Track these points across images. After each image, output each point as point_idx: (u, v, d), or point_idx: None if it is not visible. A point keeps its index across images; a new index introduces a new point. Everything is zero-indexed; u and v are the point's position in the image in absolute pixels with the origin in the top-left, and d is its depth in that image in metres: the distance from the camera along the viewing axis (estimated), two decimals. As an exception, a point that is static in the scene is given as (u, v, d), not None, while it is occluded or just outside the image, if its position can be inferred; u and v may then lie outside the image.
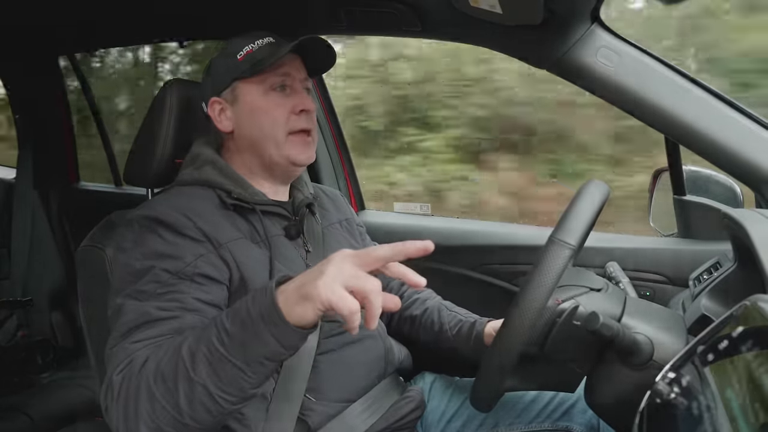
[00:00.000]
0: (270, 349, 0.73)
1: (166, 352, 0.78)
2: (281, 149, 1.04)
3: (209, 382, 0.74)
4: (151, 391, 0.76)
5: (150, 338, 0.83)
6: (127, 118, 3.27)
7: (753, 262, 0.77)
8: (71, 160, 2.22)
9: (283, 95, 1.04)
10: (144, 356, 0.80)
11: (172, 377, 0.75)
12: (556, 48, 1.15)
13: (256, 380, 0.77)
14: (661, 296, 1.33)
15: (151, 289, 0.87)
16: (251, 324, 0.73)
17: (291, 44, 1.01)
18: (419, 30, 1.31)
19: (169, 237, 0.92)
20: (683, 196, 1.38)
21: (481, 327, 1.14)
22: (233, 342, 0.74)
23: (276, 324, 0.72)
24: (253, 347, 0.73)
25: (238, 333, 0.74)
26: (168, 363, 0.76)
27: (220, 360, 0.74)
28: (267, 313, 0.72)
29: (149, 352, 0.80)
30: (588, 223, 0.83)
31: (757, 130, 1.10)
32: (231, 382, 0.75)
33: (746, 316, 0.55)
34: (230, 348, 0.74)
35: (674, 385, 0.56)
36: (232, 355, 0.74)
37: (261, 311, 0.73)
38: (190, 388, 0.75)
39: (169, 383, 0.75)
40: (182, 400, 0.75)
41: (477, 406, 0.94)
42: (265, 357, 0.74)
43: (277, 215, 1.06)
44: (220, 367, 0.74)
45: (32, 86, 2.10)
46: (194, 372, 0.74)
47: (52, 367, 1.91)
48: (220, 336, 0.75)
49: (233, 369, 0.74)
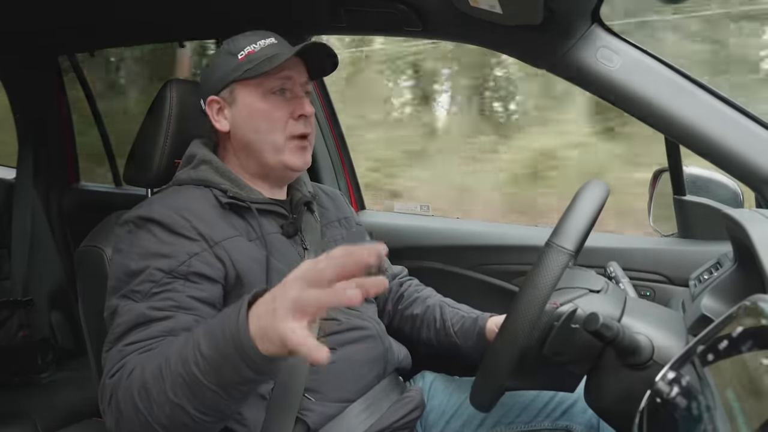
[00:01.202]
0: (243, 375, 0.70)
1: (152, 365, 0.77)
2: (278, 154, 1.03)
3: (186, 403, 0.73)
4: (135, 402, 0.76)
5: (143, 340, 0.83)
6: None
7: (753, 262, 0.77)
8: (71, 160, 2.22)
9: (283, 99, 1.03)
10: (133, 364, 0.80)
11: (155, 394, 0.75)
12: (556, 48, 1.15)
13: (234, 402, 0.75)
14: (661, 296, 1.33)
15: (145, 288, 0.88)
16: (224, 348, 0.70)
17: (293, 49, 1.00)
18: (420, 30, 1.31)
19: (164, 236, 0.92)
20: (683, 196, 1.38)
21: (483, 322, 1.14)
22: (208, 366, 0.71)
23: (247, 352, 0.68)
24: (227, 373, 0.70)
25: (212, 357, 0.71)
26: (151, 378, 0.76)
27: (196, 383, 0.72)
28: (237, 339, 0.68)
29: (138, 359, 0.80)
30: (587, 226, 0.83)
31: (757, 130, 1.10)
32: (209, 405, 0.73)
33: (746, 316, 0.55)
34: (205, 372, 0.71)
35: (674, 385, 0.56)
36: (207, 380, 0.71)
37: (233, 336, 0.69)
38: (169, 407, 0.74)
39: (152, 400, 0.75)
40: (162, 416, 0.75)
41: (477, 405, 0.94)
42: (239, 383, 0.72)
43: (274, 213, 1.06)
44: (197, 390, 0.72)
45: (32, 86, 2.10)
46: (173, 393, 0.73)
47: (52, 367, 1.91)
48: (196, 358, 0.72)
49: (210, 392, 0.72)
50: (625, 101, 1.15)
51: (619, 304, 0.87)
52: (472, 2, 1.10)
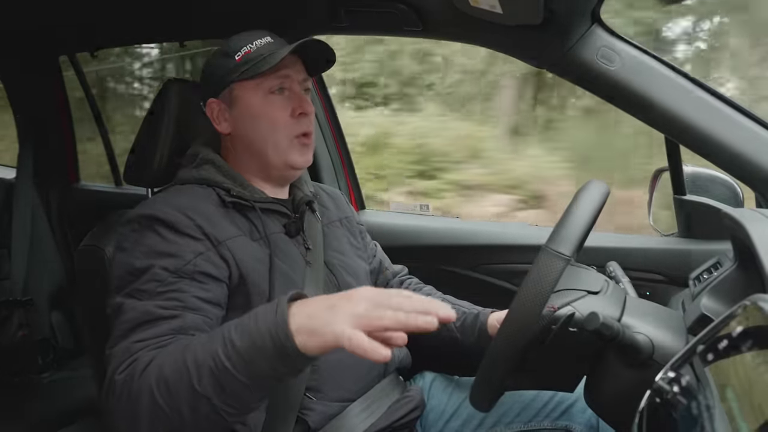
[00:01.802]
0: (277, 370, 0.72)
1: (171, 358, 0.77)
2: (281, 153, 1.03)
3: (213, 394, 0.73)
4: (153, 396, 0.75)
5: (152, 338, 0.83)
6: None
7: (753, 261, 0.77)
8: (71, 159, 2.22)
9: (282, 98, 1.03)
10: (147, 358, 0.79)
11: (176, 386, 0.75)
12: (557, 48, 1.15)
13: (260, 396, 0.77)
14: (661, 296, 1.33)
15: (150, 288, 0.87)
16: (260, 341, 0.72)
17: (289, 47, 1.00)
18: (420, 30, 1.31)
19: (169, 235, 0.92)
20: (683, 195, 1.38)
21: (484, 318, 1.14)
22: (240, 358, 0.72)
23: (285, 348, 0.70)
24: (259, 366, 0.72)
25: (245, 349, 0.72)
26: (172, 370, 0.76)
27: (226, 374, 0.73)
28: (275, 334, 0.71)
29: (152, 354, 0.80)
30: (584, 229, 0.83)
31: (757, 130, 1.10)
32: (235, 397, 0.74)
33: (746, 316, 0.55)
34: (237, 364, 0.72)
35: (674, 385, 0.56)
36: (238, 371, 0.72)
37: (269, 330, 0.71)
38: (193, 399, 0.74)
39: (173, 391, 0.75)
40: (185, 408, 0.75)
41: (476, 405, 0.94)
42: (271, 377, 0.73)
43: (276, 213, 1.06)
44: (225, 382, 0.73)
45: (32, 86, 2.10)
46: (199, 384, 0.74)
47: (52, 367, 1.91)
48: (227, 350, 0.73)
49: (238, 384, 0.73)
50: (625, 101, 1.15)
51: (619, 304, 0.87)
52: (473, 2, 1.10)
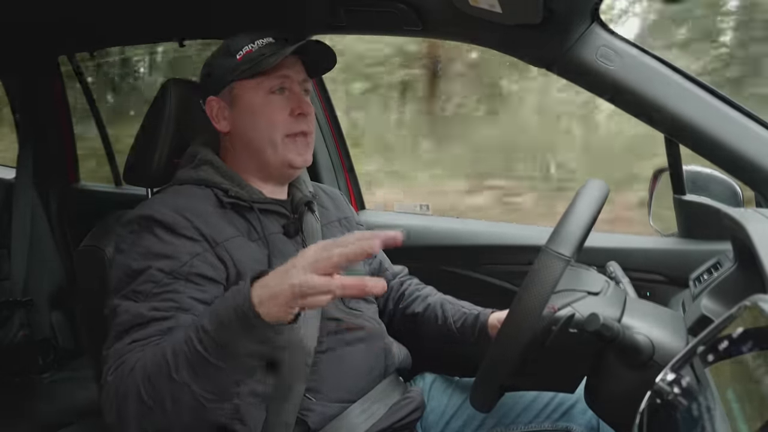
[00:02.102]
0: (246, 346, 0.75)
1: (153, 354, 0.79)
2: (278, 152, 1.03)
3: (191, 381, 0.76)
4: (140, 393, 0.77)
5: (143, 339, 0.84)
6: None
7: (753, 262, 0.77)
8: (71, 160, 2.22)
9: (282, 98, 1.03)
10: (134, 359, 0.81)
11: (157, 379, 0.77)
12: (556, 47, 1.15)
13: (236, 379, 0.79)
14: (661, 296, 1.32)
15: (146, 289, 0.88)
16: (227, 322, 0.75)
17: (290, 47, 1.00)
18: (419, 29, 1.31)
19: (166, 236, 0.92)
20: (683, 195, 1.38)
21: (485, 318, 1.14)
22: (211, 341, 0.75)
23: (249, 319, 0.73)
24: (230, 345, 0.75)
25: (215, 332, 0.75)
26: (153, 364, 0.78)
27: (200, 359, 0.75)
28: (240, 310, 0.74)
29: (138, 354, 0.81)
30: (584, 229, 0.83)
31: (757, 130, 1.10)
32: (212, 381, 0.76)
33: (746, 317, 0.55)
34: (209, 347, 0.75)
35: (674, 386, 0.56)
36: (210, 355, 0.75)
37: (235, 309, 0.74)
38: (173, 388, 0.76)
39: (155, 385, 0.77)
40: (167, 401, 0.76)
41: (477, 406, 0.94)
42: (243, 354, 0.76)
43: (275, 213, 1.05)
44: (200, 367, 0.75)
45: (32, 86, 2.10)
46: (176, 372, 0.76)
47: (52, 367, 1.91)
48: (199, 335, 0.76)
49: (213, 368, 0.75)
50: (625, 100, 1.15)
51: (619, 305, 0.87)
52: (472, 2, 1.10)
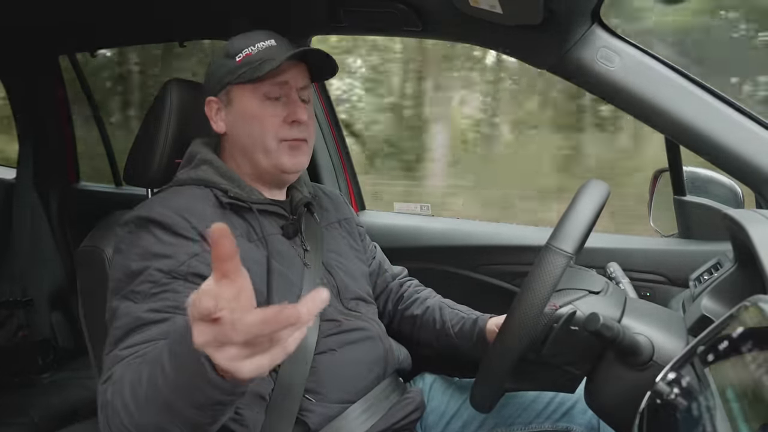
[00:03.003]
0: (213, 397, 0.64)
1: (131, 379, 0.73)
2: (270, 157, 1.03)
3: (170, 424, 0.69)
4: (120, 417, 0.73)
5: (139, 344, 0.82)
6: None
7: (753, 262, 0.77)
8: (71, 160, 2.23)
9: (277, 104, 1.02)
10: (119, 375, 0.78)
11: (139, 414, 0.71)
12: (557, 48, 1.15)
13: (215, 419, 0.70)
14: (661, 296, 1.33)
15: (145, 289, 0.87)
16: (186, 370, 0.64)
17: (288, 53, 0.99)
18: (419, 30, 1.31)
19: (164, 237, 0.92)
20: (683, 196, 1.38)
21: (483, 323, 1.14)
22: (177, 387, 0.66)
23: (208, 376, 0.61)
24: (195, 395, 0.65)
25: (177, 378, 0.66)
26: (134, 398, 0.72)
27: (171, 404, 0.67)
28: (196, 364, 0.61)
29: (124, 371, 0.78)
30: (586, 227, 0.83)
31: (757, 131, 1.10)
32: (190, 424, 0.69)
33: (746, 317, 0.55)
34: (176, 393, 0.66)
35: (674, 386, 0.56)
36: (180, 400, 0.66)
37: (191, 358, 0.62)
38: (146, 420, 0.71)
39: (139, 419, 0.72)
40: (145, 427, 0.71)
41: (477, 406, 0.94)
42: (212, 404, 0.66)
43: (274, 214, 1.05)
44: (175, 410, 0.68)
45: (32, 86, 2.10)
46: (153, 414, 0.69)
47: (52, 367, 1.91)
48: (165, 379, 0.67)
49: (186, 412, 0.67)
50: (625, 101, 1.15)
51: (619, 305, 0.87)
52: (472, 2, 1.10)
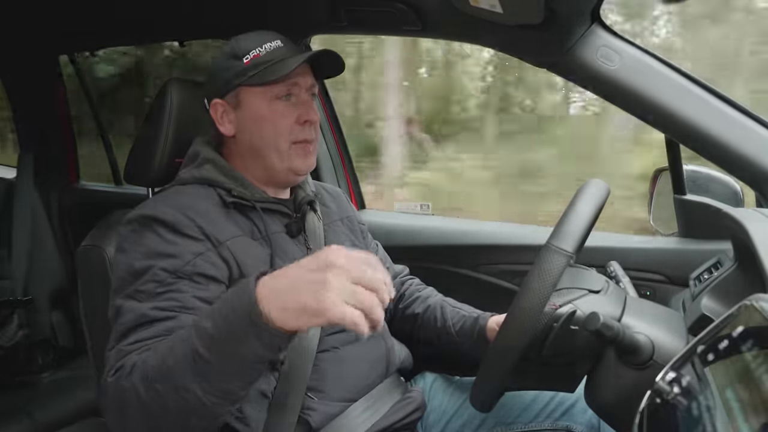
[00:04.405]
0: (254, 352, 0.71)
1: (155, 355, 0.77)
2: (283, 159, 1.03)
3: (196, 386, 0.73)
4: (139, 395, 0.75)
5: (144, 339, 0.83)
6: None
7: (753, 261, 0.77)
8: (71, 160, 2.23)
9: (289, 104, 1.02)
10: (133, 361, 0.79)
11: (158, 381, 0.74)
12: (557, 47, 1.15)
13: (244, 382, 0.76)
14: (661, 296, 1.33)
15: (149, 288, 0.87)
16: (233, 326, 0.71)
17: (301, 56, 0.99)
18: (419, 29, 1.31)
19: (168, 236, 0.92)
20: (683, 195, 1.38)
21: (484, 322, 1.14)
22: (215, 345, 0.71)
23: (259, 328, 0.69)
24: (236, 350, 0.71)
25: (219, 335, 0.71)
26: (154, 367, 0.75)
27: (204, 364, 0.72)
28: (248, 316, 0.69)
29: (139, 357, 0.79)
30: (586, 227, 0.83)
31: (757, 129, 1.10)
32: (218, 385, 0.73)
33: (746, 316, 0.55)
34: (213, 351, 0.71)
35: (674, 385, 0.56)
36: (216, 358, 0.71)
37: (242, 313, 0.70)
38: (178, 393, 0.73)
39: (157, 387, 0.74)
40: (170, 403, 0.74)
41: (477, 405, 0.94)
42: (250, 359, 0.72)
43: (278, 213, 1.05)
44: (205, 371, 0.72)
45: (32, 86, 2.10)
46: (179, 375, 0.73)
47: (52, 367, 1.91)
48: (201, 338, 0.72)
49: (218, 372, 0.72)
50: (625, 101, 1.15)
51: (620, 304, 0.87)
52: (473, 2, 1.10)
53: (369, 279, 0.67)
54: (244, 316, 0.70)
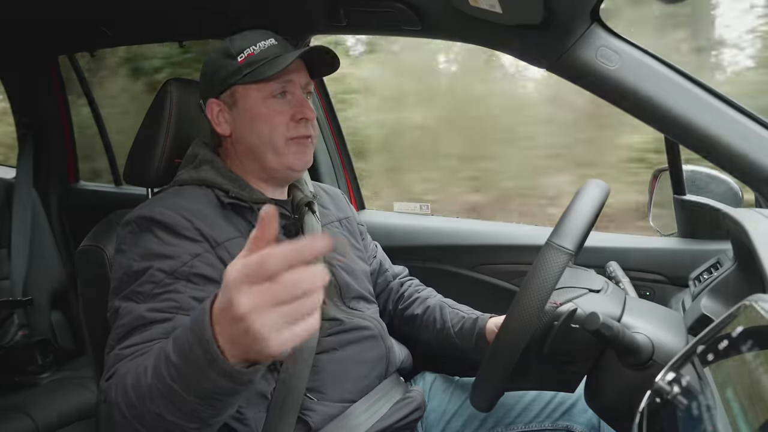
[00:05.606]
0: (218, 386, 0.64)
1: (134, 373, 0.73)
2: (279, 156, 1.03)
3: (168, 413, 0.69)
4: (123, 413, 0.73)
5: (141, 343, 0.82)
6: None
7: (753, 261, 0.77)
8: (71, 160, 2.23)
9: (283, 102, 1.03)
10: (123, 371, 0.77)
11: (138, 402, 0.71)
12: (556, 47, 1.15)
13: (217, 412, 0.70)
14: (661, 296, 1.33)
15: (147, 289, 0.87)
16: (193, 359, 0.64)
17: (294, 53, 1.00)
18: (419, 29, 1.31)
19: (166, 237, 0.92)
20: (683, 195, 1.38)
21: (483, 323, 1.14)
22: (181, 376, 0.66)
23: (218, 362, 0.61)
24: (201, 384, 0.65)
25: (183, 367, 0.66)
26: (133, 387, 0.72)
27: (173, 392, 0.67)
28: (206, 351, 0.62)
29: (127, 367, 0.78)
30: (586, 226, 0.83)
31: (757, 129, 1.10)
32: (190, 414, 0.69)
33: (746, 316, 0.55)
34: (179, 383, 0.66)
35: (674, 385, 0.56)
36: (184, 390, 0.66)
37: (201, 346, 0.62)
38: (153, 418, 0.70)
39: (137, 407, 0.72)
40: (151, 424, 0.72)
41: (477, 405, 0.94)
42: (221, 393, 0.66)
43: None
44: (176, 399, 0.67)
45: (32, 86, 2.10)
46: (152, 403, 0.69)
47: (52, 367, 1.91)
48: (168, 369, 0.67)
49: (191, 403, 0.67)
50: (625, 101, 1.15)
51: (619, 304, 0.88)
52: (472, 2, 1.10)
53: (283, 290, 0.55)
54: (202, 348, 0.62)
